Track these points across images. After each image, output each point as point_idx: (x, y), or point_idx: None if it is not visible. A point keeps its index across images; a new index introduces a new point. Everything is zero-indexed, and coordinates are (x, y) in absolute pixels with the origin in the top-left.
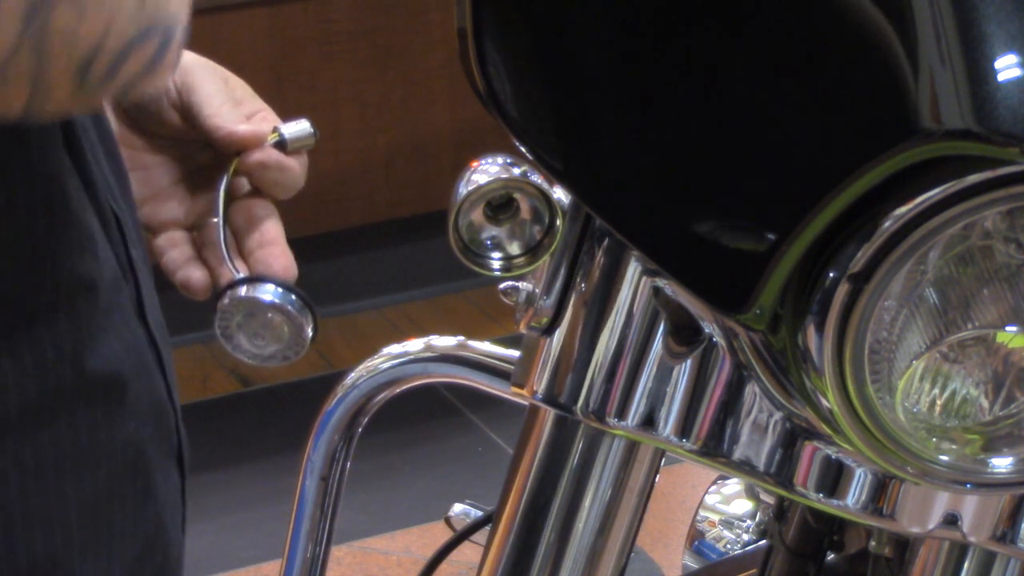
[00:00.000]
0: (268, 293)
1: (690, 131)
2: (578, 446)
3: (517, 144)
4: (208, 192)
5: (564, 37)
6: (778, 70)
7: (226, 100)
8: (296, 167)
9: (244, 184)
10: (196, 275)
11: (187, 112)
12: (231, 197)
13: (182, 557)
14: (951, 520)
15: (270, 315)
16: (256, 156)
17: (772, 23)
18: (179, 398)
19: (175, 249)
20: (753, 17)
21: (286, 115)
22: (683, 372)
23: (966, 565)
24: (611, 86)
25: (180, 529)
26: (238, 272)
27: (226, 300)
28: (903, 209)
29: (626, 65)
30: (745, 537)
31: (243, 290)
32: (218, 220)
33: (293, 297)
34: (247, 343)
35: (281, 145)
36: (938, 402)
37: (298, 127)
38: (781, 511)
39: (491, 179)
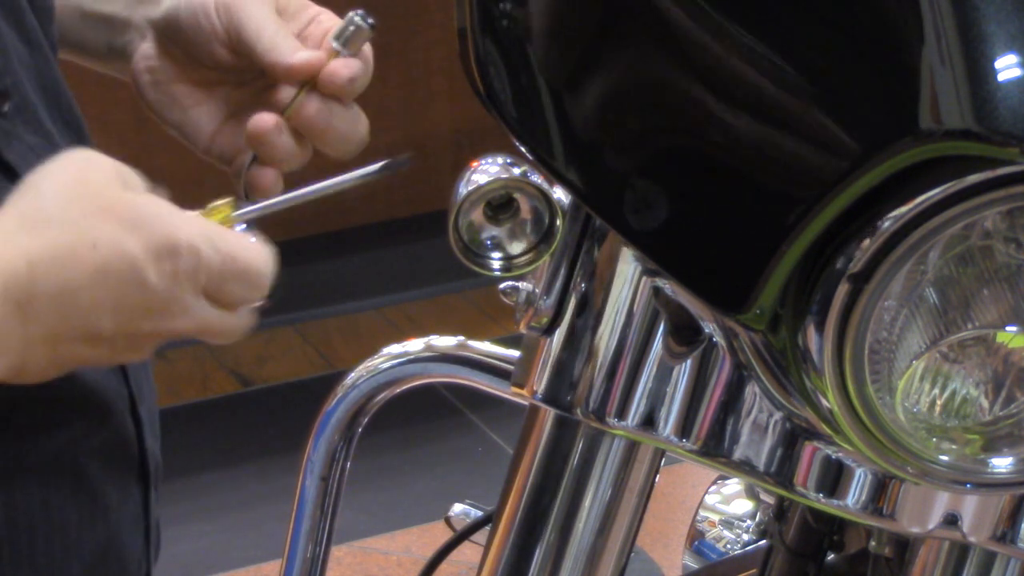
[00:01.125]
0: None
1: (690, 131)
2: (578, 446)
3: (517, 144)
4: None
5: (564, 37)
6: (778, 70)
7: (277, 28)
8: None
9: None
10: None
11: (239, 49)
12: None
13: (147, 570)
14: (951, 520)
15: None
16: (309, 110)
17: (772, 23)
18: (153, 411)
19: (263, 124)
20: (753, 17)
21: None
22: (683, 372)
23: (966, 565)
24: (611, 86)
25: (143, 543)
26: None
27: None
28: (903, 209)
29: (626, 65)
30: (745, 537)
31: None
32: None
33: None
34: None
35: (342, 38)
36: (938, 402)
37: (349, 27)
38: (781, 511)
39: (491, 179)
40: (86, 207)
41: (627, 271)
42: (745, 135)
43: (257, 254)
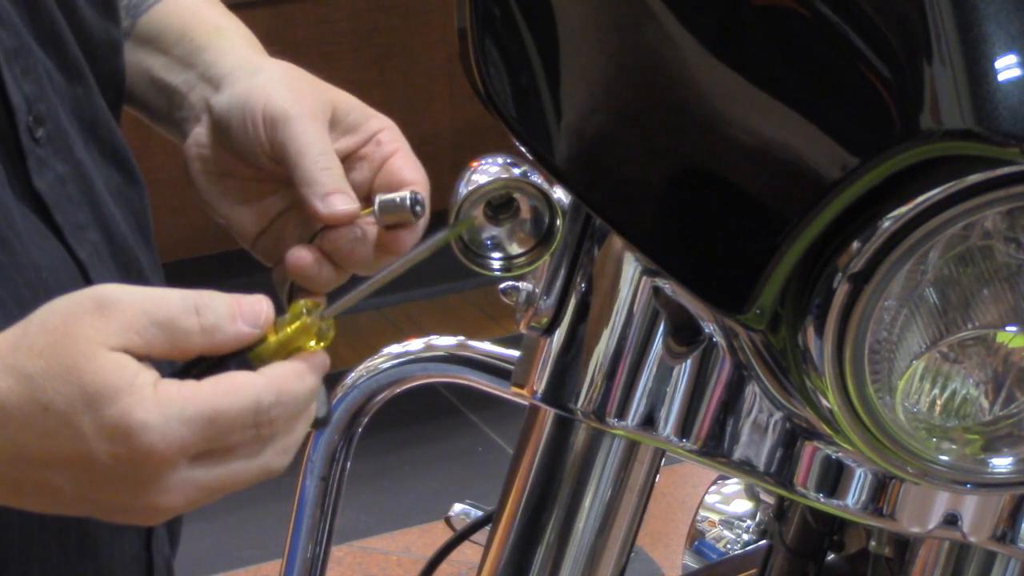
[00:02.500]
0: None
1: (691, 131)
2: (578, 446)
3: (517, 144)
4: None
5: (564, 37)
6: (778, 70)
7: (318, 156)
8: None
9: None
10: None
11: (282, 165)
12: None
13: None
14: (951, 520)
15: None
16: (331, 237)
17: (773, 23)
18: None
19: (302, 261)
20: (754, 17)
21: None
22: (683, 372)
23: (966, 565)
24: (611, 87)
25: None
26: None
27: None
28: (903, 209)
29: (626, 66)
30: (745, 537)
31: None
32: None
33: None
34: None
35: (374, 215)
36: (938, 402)
37: (395, 200)
38: (781, 511)
39: (491, 179)
40: (51, 361)
41: (627, 271)
42: (745, 135)
43: (247, 392)
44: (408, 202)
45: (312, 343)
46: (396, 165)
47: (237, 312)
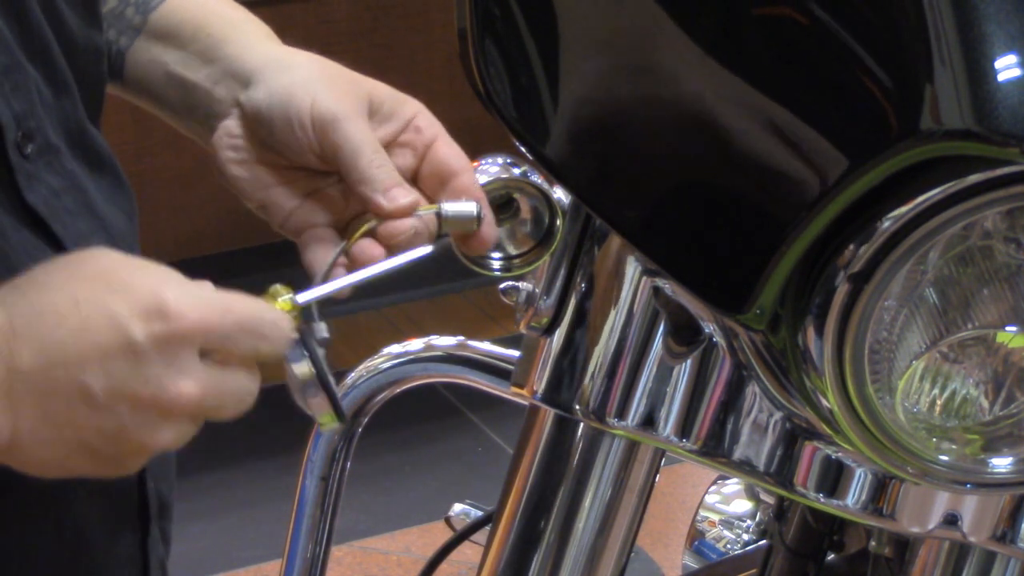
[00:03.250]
0: (296, 360)
1: (690, 131)
2: (578, 446)
3: (517, 144)
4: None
5: (564, 38)
6: (778, 70)
7: (373, 154)
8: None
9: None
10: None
11: (333, 164)
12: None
13: None
14: (951, 520)
15: (295, 379)
16: (393, 228)
17: (773, 24)
18: (165, 453)
19: (319, 246)
20: (754, 18)
21: None
22: (683, 372)
23: (966, 565)
24: (611, 87)
25: None
26: (317, 319)
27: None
28: (903, 209)
29: (626, 66)
30: (745, 537)
31: (291, 344)
32: (328, 266)
33: (313, 383)
34: (289, 382)
35: (438, 217)
36: (938, 402)
37: (462, 208)
38: (781, 511)
39: (491, 179)
40: (74, 273)
41: (627, 271)
42: (745, 135)
43: (258, 305)
44: (475, 213)
45: None
46: (442, 153)
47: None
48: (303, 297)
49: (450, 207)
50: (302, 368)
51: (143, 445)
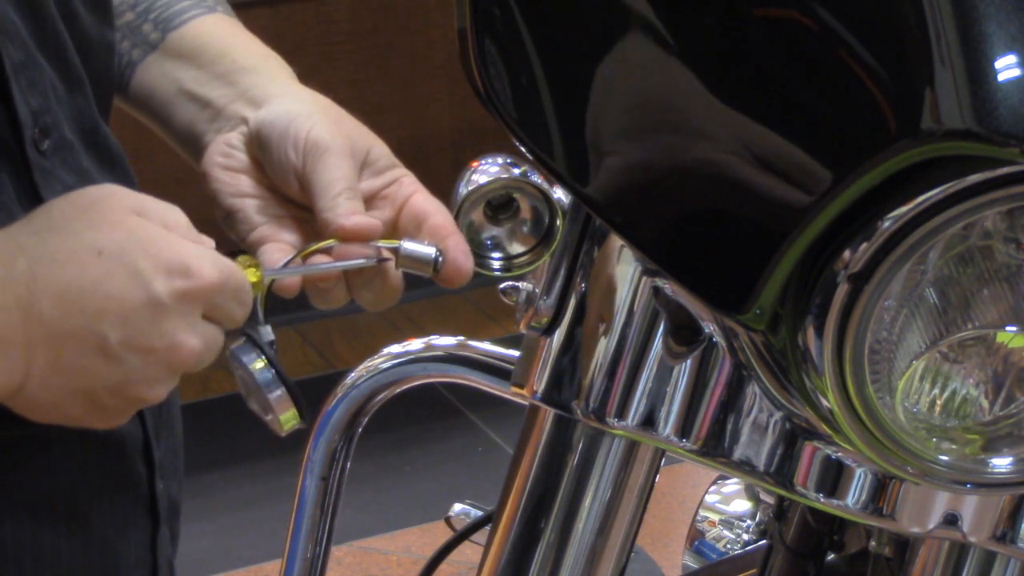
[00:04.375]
0: (252, 361)
1: (690, 131)
2: (578, 446)
3: (517, 144)
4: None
5: (564, 37)
6: (778, 70)
7: (344, 190)
8: (392, 286)
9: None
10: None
11: (306, 191)
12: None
13: None
14: (951, 520)
15: (250, 379)
16: (348, 251)
17: (773, 24)
18: (174, 452)
19: (276, 248)
20: (754, 18)
21: None
22: (683, 372)
23: (966, 565)
24: (611, 86)
25: None
26: (263, 322)
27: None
28: (903, 209)
29: (626, 65)
30: (745, 537)
31: (238, 344)
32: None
33: (270, 376)
34: (242, 389)
35: (394, 252)
36: (938, 402)
37: (421, 250)
38: (781, 511)
39: (491, 179)
40: (94, 219)
41: (627, 271)
42: (745, 135)
43: (244, 276)
44: (433, 258)
45: None
46: (419, 200)
47: None
48: (270, 272)
49: (410, 246)
50: (256, 364)
51: (141, 398)
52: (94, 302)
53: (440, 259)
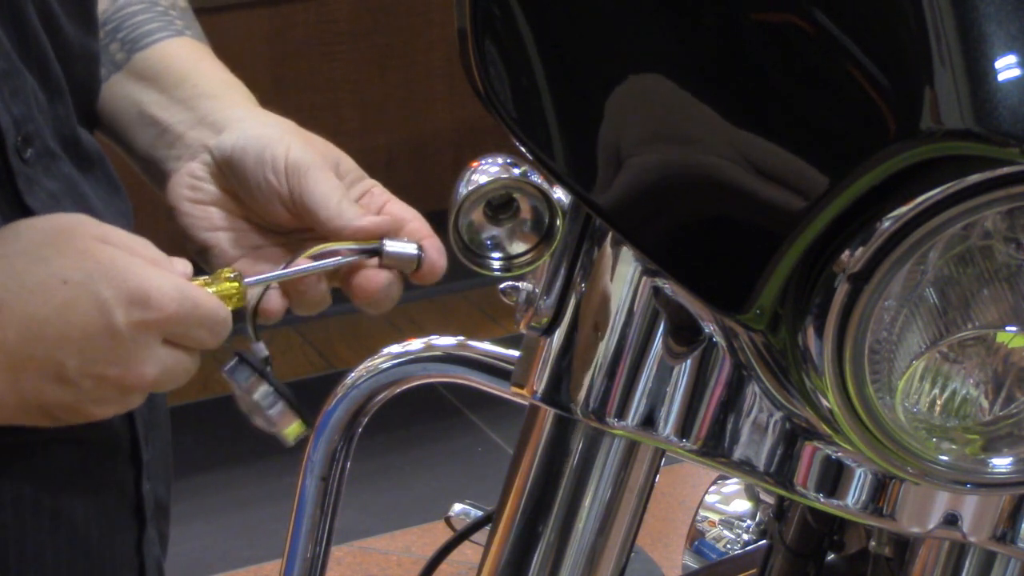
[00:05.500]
0: (246, 380)
1: (690, 131)
2: (578, 446)
3: (517, 144)
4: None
5: (564, 37)
6: (778, 70)
7: (342, 197)
8: (390, 287)
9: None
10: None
11: (300, 212)
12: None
13: None
14: (951, 520)
15: (249, 399)
16: (360, 278)
17: (773, 23)
18: (163, 454)
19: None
20: (754, 17)
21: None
22: (683, 372)
23: (966, 565)
24: (611, 86)
25: None
26: (256, 342)
27: (227, 367)
28: (903, 209)
29: (626, 65)
30: (745, 537)
31: (231, 365)
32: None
33: (268, 391)
34: (244, 409)
35: (376, 254)
36: (938, 402)
37: (402, 247)
38: (781, 511)
39: (491, 179)
40: (61, 247)
41: (627, 271)
42: (745, 135)
43: (217, 303)
44: (416, 254)
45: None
46: (395, 208)
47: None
48: (250, 280)
49: (392, 245)
50: (251, 384)
51: (91, 415)
52: (56, 330)
53: (422, 255)
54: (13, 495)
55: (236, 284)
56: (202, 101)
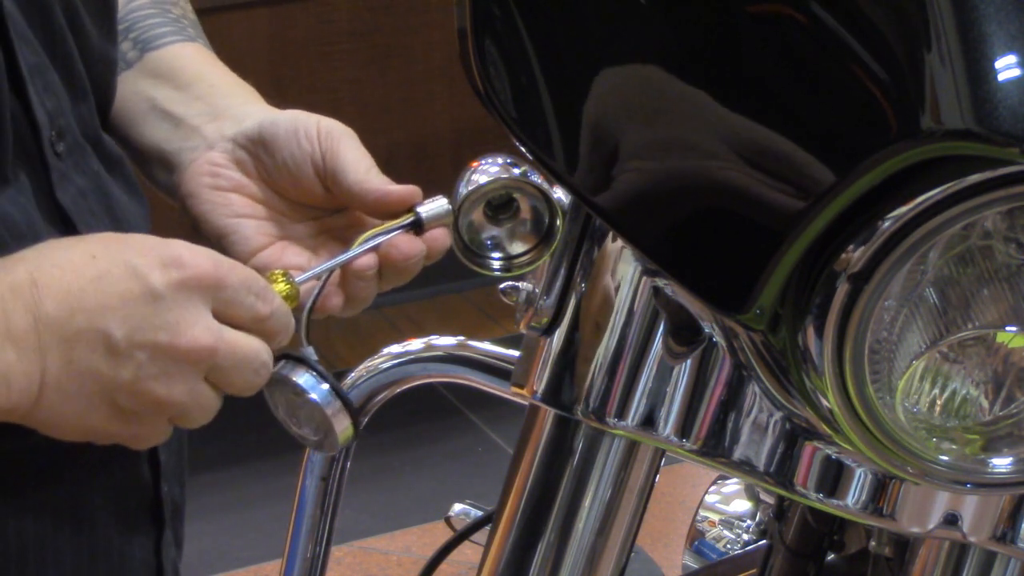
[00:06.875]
0: (302, 378)
1: (690, 132)
2: (578, 446)
3: (517, 144)
4: (333, 250)
5: (563, 37)
6: (778, 70)
7: (371, 166)
8: (435, 246)
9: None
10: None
11: (331, 177)
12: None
13: None
14: (951, 520)
15: (301, 400)
16: (398, 250)
17: (774, 23)
18: (179, 456)
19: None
20: (754, 17)
21: None
22: (683, 372)
23: (966, 565)
24: (611, 86)
25: None
26: (307, 346)
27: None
28: (903, 209)
29: (626, 65)
30: (745, 537)
31: (282, 365)
32: (317, 289)
33: (326, 390)
34: (286, 417)
35: (417, 225)
36: (938, 402)
37: (435, 205)
38: (781, 511)
39: (491, 179)
40: (85, 237)
41: (627, 271)
42: (746, 135)
43: (250, 270)
44: (448, 207)
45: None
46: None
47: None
48: (302, 279)
49: (425, 207)
50: (309, 382)
51: (159, 399)
52: (94, 299)
53: (451, 207)
54: (34, 498)
55: (289, 285)
56: (219, 98)
